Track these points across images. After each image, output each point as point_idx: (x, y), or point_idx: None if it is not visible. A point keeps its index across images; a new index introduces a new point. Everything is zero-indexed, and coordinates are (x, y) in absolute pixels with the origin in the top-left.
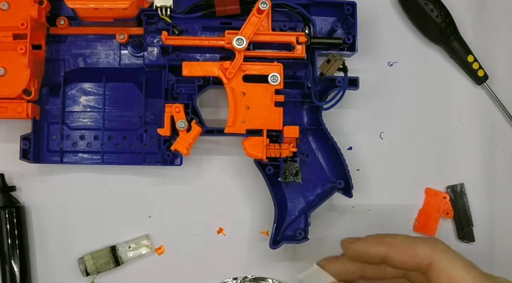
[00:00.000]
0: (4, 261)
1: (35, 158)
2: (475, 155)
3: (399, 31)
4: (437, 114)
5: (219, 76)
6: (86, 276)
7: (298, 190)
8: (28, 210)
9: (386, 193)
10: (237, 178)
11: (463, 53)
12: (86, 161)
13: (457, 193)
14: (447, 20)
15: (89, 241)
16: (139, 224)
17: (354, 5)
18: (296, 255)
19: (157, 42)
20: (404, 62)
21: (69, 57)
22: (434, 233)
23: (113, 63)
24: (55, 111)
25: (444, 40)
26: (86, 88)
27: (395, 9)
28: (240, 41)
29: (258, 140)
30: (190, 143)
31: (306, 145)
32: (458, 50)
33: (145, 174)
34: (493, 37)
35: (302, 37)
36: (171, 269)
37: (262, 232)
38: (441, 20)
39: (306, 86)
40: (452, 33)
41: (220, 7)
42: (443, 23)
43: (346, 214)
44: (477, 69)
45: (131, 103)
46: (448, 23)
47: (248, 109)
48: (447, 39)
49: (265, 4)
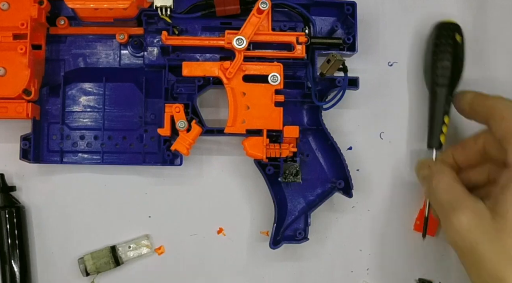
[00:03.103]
0: (4, 261)
1: (35, 158)
2: None
3: (399, 31)
4: None
5: (219, 76)
6: (86, 276)
7: (298, 190)
8: (28, 210)
9: (386, 193)
10: (237, 178)
11: (443, 109)
12: (86, 161)
13: None
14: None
15: (89, 241)
16: (139, 224)
17: (354, 5)
18: (296, 255)
19: (157, 42)
20: (404, 62)
21: (69, 57)
22: (434, 233)
23: (113, 63)
24: (55, 111)
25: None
26: (86, 88)
27: (395, 9)
28: (240, 41)
29: (258, 140)
30: (190, 143)
31: (306, 145)
32: (442, 103)
33: (145, 174)
34: (493, 37)
35: (302, 37)
36: (171, 269)
37: (262, 232)
38: (457, 68)
39: (306, 86)
40: (453, 87)
41: (220, 7)
42: (457, 72)
43: (346, 214)
44: (442, 133)
45: (131, 103)
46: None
47: (248, 109)
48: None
49: (265, 4)
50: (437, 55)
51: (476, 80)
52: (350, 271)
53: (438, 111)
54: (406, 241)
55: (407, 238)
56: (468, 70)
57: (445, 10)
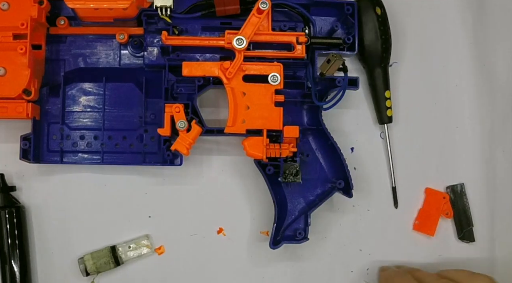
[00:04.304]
0: (4, 261)
1: (35, 158)
2: (475, 155)
3: (399, 31)
4: (437, 114)
5: (219, 76)
6: (86, 276)
7: (298, 190)
8: (28, 210)
9: (386, 193)
10: (237, 178)
11: (383, 84)
12: (86, 161)
13: (457, 193)
14: (384, 46)
15: (89, 241)
16: (139, 224)
17: (354, 5)
18: (296, 255)
19: (157, 42)
20: (404, 62)
21: (69, 57)
22: (434, 233)
23: (113, 63)
24: (55, 111)
25: (374, 63)
26: (86, 88)
27: (395, 9)
28: (240, 41)
29: (258, 140)
30: (190, 143)
31: (306, 145)
32: (381, 79)
33: (145, 174)
34: (493, 37)
35: (302, 37)
36: (171, 269)
37: (262, 232)
38: (382, 42)
39: (306, 86)
40: (385, 61)
41: (220, 7)
42: (383, 45)
43: (346, 214)
44: (388, 108)
45: (131, 103)
46: (385, 49)
47: (248, 109)
48: (377, 63)
49: (265, 4)
50: (363, 32)
51: (476, 80)
52: (350, 271)
53: (379, 88)
54: (406, 241)
55: (407, 238)
56: (468, 70)
57: (445, 11)
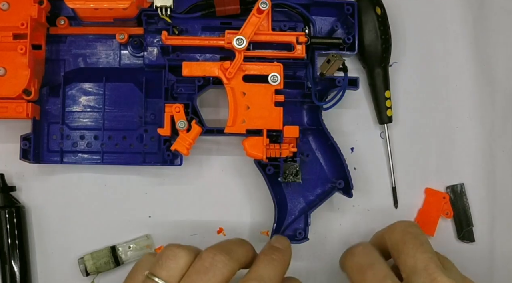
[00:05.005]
0: (4, 261)
1: (35, 158)
2: (475, 155)
3: (399, 31)
4: (437, 114)
5: (219, 76)
6: (86, 276)
7: (298, 190)
8: (28, 210)
9: (386, 193)
10: (237, 178)
11: (383, 84)
12: (86, 161)
13: (457, 193)
14: (384, 46)
15: (89, 241)
16: (139, 224)
17: (354, 5)
18: (296, 255)
19: (157, 42)
20: (404, 62)
21: (69, 57)
22: (434, 233)
23: (113, 63)
24: (55, 111)
25: (374, 63)
26: (86, 88)
27: (395, 9)
28: (240, 41)
29: (258, 140)
30: (190, 143)
31: (306, 145)
32: (381, 79)
33: (145, 174)
34: (493, 37)
35: (302, 37)
36: None
37: (262, 232)
38: (382, 42)
39: (306, 86)
40: (385, 61)
41: (220, 7)
42: (383, 45)
43: (346, 214)
44: (388, 108)
45: (131, 103)
46: (385, 49)
47: (248, 109)
48: (377, 63)
49: (265, 4)
50: (363, 32)
51: (477, 80)
52: None
53: (379, 88)
54: None
55: None
56: (469, 70)
57: (445, 11)
